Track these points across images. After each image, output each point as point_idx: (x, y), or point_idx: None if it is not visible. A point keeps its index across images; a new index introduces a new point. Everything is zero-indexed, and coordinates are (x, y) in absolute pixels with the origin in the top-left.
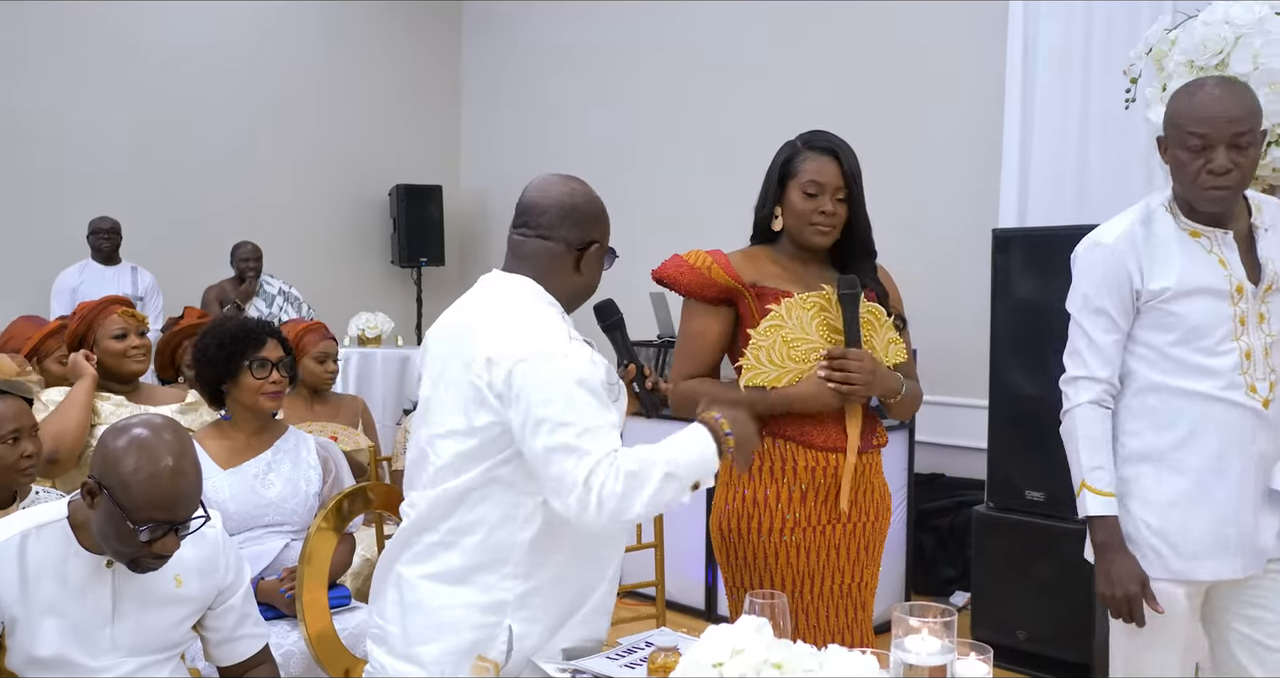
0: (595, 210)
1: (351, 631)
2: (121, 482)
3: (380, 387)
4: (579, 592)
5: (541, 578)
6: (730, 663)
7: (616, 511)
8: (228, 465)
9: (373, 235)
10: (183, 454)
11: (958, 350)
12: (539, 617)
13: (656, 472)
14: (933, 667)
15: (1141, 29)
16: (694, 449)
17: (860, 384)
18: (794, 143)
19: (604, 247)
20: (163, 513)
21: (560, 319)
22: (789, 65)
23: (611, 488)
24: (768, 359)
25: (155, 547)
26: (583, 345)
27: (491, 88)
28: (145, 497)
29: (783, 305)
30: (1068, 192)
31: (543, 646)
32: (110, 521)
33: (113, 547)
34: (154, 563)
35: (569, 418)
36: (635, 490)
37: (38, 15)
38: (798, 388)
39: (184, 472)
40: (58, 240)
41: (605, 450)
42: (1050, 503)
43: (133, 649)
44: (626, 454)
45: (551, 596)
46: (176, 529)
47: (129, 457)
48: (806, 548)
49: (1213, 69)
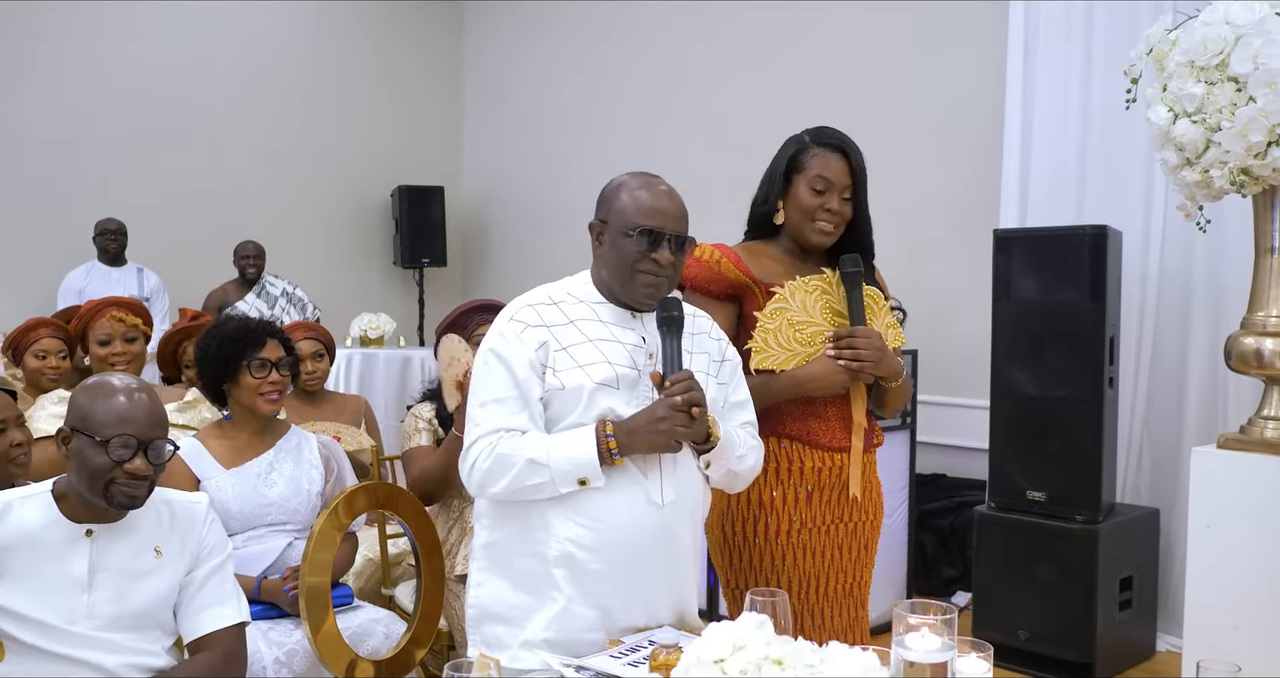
0: (608, 190)
1: (354, 630)
2: (84, 415)
3: (383, 387)
4: (528, 575)
5: (499, 535)
6: (731, 659)
7: (480, 485)
8: (230, 465)
9: (375, 236)
10: (136, 384)
11: (959, 351)
12: (493, 570)
13: (521, 459)
14: (933, 664)
15: (1142, 29)
16: (571, 447)
17: (869, 361)
18: (801, 138)
19: (618, 225)
20: (128, 427)
21: (541, 293)
22: (791, 64)
23: (480, 465)
24: (775, 342)
25: (127, 467)
26: (519, 323)
27: (493, 88)
28: (107, 416)
29: (786, 288)
30: (1068, 192)
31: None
32: (82, 452)
33: (88, 477)
34: (129, 489)
35: (477, 388)
36: (499, 472)
37: (44, 18)
38: (807, 369)
39: (138, 393)
40: (64, 241)
41: (493, 427)
42: (1052, 503)
43: (114, 622)
44: (510, 437)
45: (504, 554)
46: (145, 450)
47: (87, 393)
48: (812, 549)
49: (1213, 69)
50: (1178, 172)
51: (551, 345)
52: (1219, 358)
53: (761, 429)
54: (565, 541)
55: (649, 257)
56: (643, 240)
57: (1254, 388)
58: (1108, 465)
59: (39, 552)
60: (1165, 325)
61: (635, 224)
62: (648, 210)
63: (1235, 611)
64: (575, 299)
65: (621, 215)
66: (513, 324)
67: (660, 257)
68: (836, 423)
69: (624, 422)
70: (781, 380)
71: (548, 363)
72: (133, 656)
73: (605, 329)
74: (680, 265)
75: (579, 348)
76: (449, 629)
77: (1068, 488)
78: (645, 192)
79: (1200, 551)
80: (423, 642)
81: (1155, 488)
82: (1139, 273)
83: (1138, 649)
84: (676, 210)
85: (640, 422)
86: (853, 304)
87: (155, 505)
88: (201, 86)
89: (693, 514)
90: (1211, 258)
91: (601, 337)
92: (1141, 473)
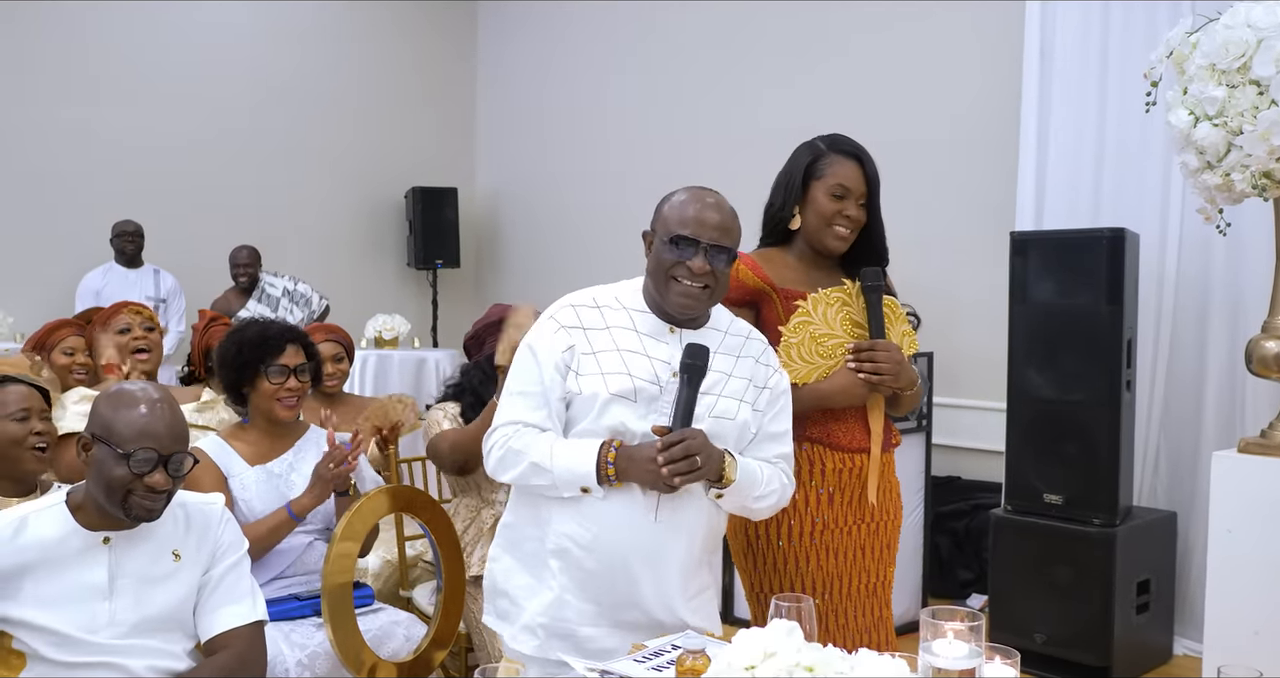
0: (662, 201)
1: (375, 632)
2: (106, 424)
3: (397, 388)
4: (531, 558)
5: (513, 517)
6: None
7: (494, 471)
8: (254, 464)
9: (389, 238)
10: (160, 395)
11: (975, 353)
12: (506, 549)
13: (527, 460)
14: (961, 671)
15: (1159, 32)
16: (574, 459)
17: (889, 374)
18: (816, 145)
19: (661, 233)
20: (149, 441)
21: (587, 295)
22: (806, 67)
23: (496, 452)
24: (799, 356)
25: (147, 480)
26: (556, 322)
27: (507, 90)
28: (129, 428)
29: (808, 301)
30: (1085, 194)
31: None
32: (103, 462)
33: (105, 487)
34: (147, 502)
35: (513, 376)
36: (509, 464)
37: (60, 20)
38: (829, 382)
39: (161, 405)
40: (82, 243)
41: (514, 418)
42: (1069, 506)
43: (137, 628)
44: (526, 433)
45: (517, 536)
46: (166, 463)
47: (109, 402)
48: (834, 550)
49: (1235, 72)
50: (1198, 175)
51: (579, 348)
52: (1237, 361)
53: None
54: (563, 535)
55: (684, 264)
56: (678, 248)
57: (1273, 392)
58: (1125, 469)
59: (58, 563)
60: (1183, 329)
61: (673, 232)
62: (687, 219)
63: (1256, 615)
64: (619, 305)
65: (665, 224)
66: (550, 322)
67: (694, 264)
68: (856, 425)
69: (627, 449)
70: (804, 394)
71: (572, 366)
72: (155, 659)
73: (638, 340)
74: (721, 278)
75: (606, 355)
76: (467, 631)
77: (1085, 491)
78: (690, 202)
79: (1221, 555)
80: (444, 644)
81: (1173, 492)
82: (1156, 275)
83: (1155, 653)
84: (720, 221)
85: (638, 456)
86: (873, 318)
87: (171, 509)
88: (217, 89)
89: (689, 535)
90: (1230, 261)
91: (631, 347)
92: (1159, 476)
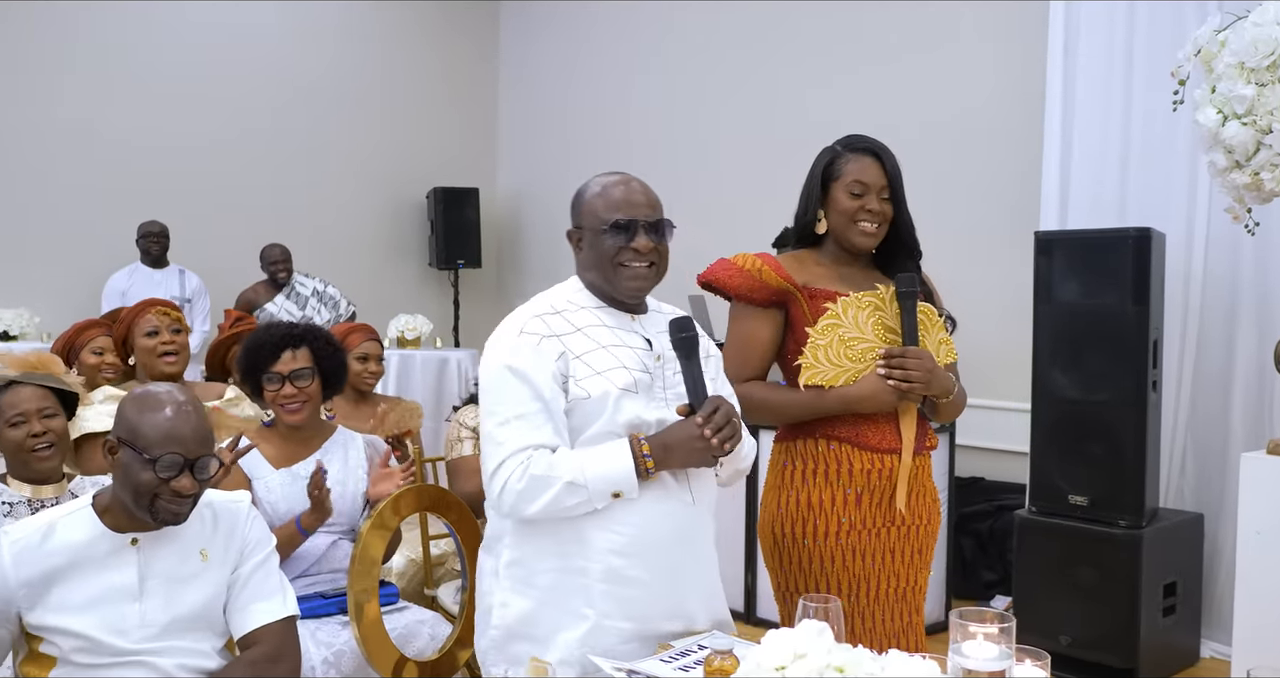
0: (577, 197)
1: (401, 630)
2: (132, 428)
3: (420, 388)
4: (554, 591)
5: (522, 552)
6: (793, 667)
7: (514, 507)
8: (280, 465)
9: (410, 238)
10: (184, 399)
11: (999, 354)
12: (517, 590)
13: (559, 480)
14: (991, 672)
15: (1184, 30)
16: (606, 464)
17: (919, 382)
18: (834, 147)
19: (592, 225)
20: (175, 446)
21: (542, 303)
22: (831, 67)
23: (513, 486)
24: (825, 358)
25: (173, 485)
26: (532, 335)
27: (529, 90)
28: (155, 432)
29: (839, 304)
30: (1110, 194)
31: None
32: (129, 466)
33: (132, 491)
34: (174, 506)
35: (494, 406)
36: (535, 493)
37: (83, 22)
38: (856, 387)
39: (186, 409)
40: (108, 244)
41: (520, 445)
42: (1094, 507)
43: (168, 629)
44: (541, 456)
45: (528, 571)
46: (192, 468)
47: (135, 405)
48: (862, 551)
49: (1264, 70)
50: (1227, 174)
51: (569, 355)
52: (1265, 362)
53: (811, 432)
54: (606, 553)
55: (628, 247)
56: (618, 233)
57: None
58: (1151, 470)
59: (87, 566)
60: (1210, 329)
61: (607, 219)
62: (616, 204)
63: None
64: (576, 306)
65: (593, 215)
66: (525, 337)
67: (639, 244)
68: (886, 425)
69: (657, 437)
70: (831, 397)
71: (568, 373)
72: (186, 658)
73: (613, 334)
74: (664, 251)
75: (593, 355)
76: None
77: (1110, 492)
78: (611, 187)
79: (1250, 557)
80: (468, 643)
81: (1199, 493)
82: (1183, 275)
83: (1181, 656)
84: (646, 199)
85: (676, 438)
86: (906, 325)
87: (198, 508)
88: (239, 90)
89: (712, 509)
90: (1258, 260)
91: (612, 342)
92: (1185, 478)
